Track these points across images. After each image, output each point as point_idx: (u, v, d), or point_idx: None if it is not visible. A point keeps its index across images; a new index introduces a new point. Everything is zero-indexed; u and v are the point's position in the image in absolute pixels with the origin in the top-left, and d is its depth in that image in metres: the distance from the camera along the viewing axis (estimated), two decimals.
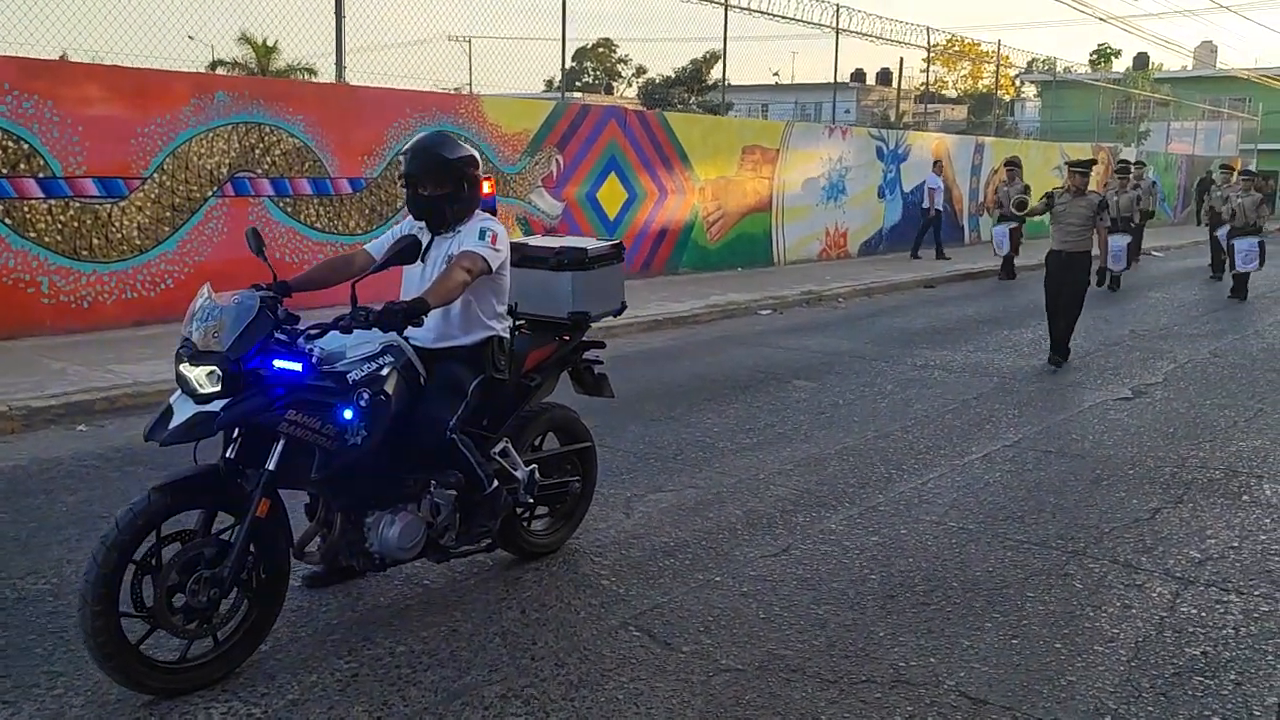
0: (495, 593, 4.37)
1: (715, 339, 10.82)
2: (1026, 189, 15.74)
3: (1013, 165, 16.87)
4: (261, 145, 10.29)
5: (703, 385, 8.48)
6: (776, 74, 48.00)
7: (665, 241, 15.17)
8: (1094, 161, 10.13)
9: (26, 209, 8.79)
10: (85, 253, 9.18)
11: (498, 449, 4.36)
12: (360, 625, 4.05)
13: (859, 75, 51.78)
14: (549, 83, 37.42)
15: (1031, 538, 5.11)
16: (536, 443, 4.75)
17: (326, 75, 19.05)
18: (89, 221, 9.18)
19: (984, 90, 47.18)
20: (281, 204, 10.53)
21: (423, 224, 4.22)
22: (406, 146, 4.19)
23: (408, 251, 3.91)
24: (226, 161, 10.04)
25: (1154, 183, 19.64)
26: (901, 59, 40.19)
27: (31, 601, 4.17)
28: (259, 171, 10.31)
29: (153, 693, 3.44)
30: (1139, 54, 47.44)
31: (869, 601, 4.34)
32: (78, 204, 9.09)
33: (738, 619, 4.15)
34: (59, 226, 8.99)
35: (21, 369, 7.75)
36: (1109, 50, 44.55)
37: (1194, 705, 3.53)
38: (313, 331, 3.72)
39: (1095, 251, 9.73)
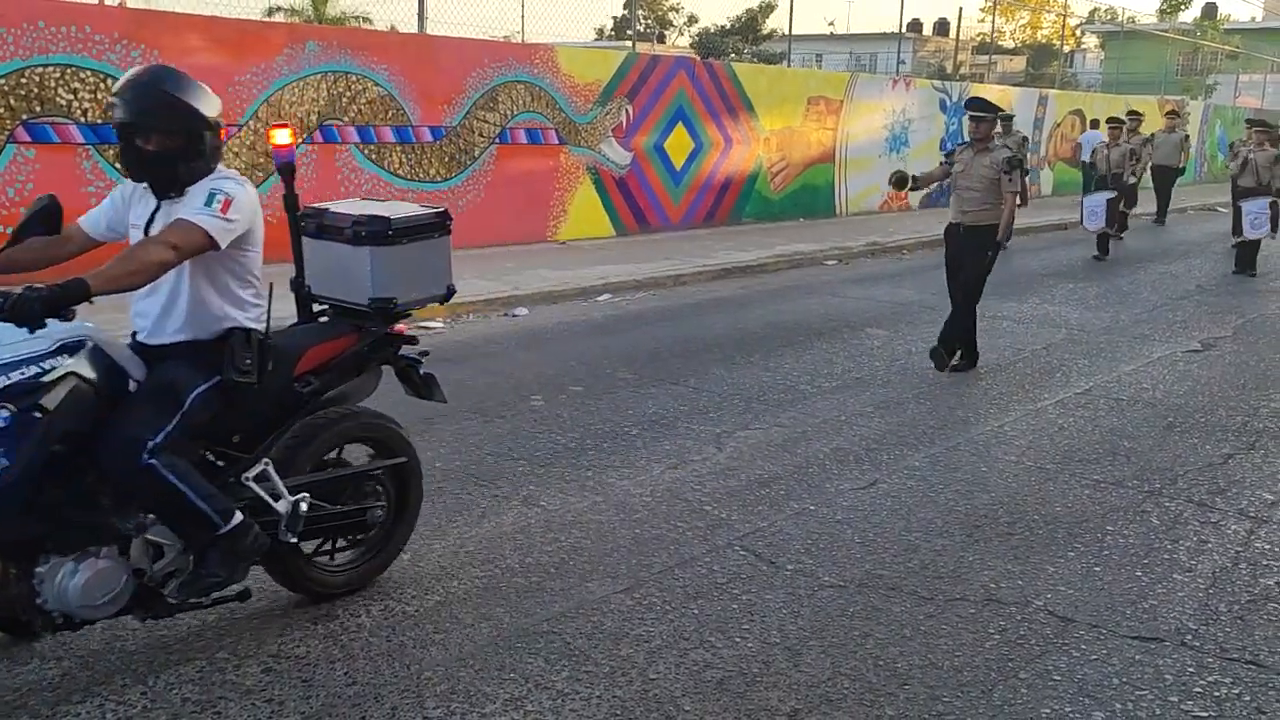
0: (607, 515, 4.73)
1: (784, 288, 11.07)
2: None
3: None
4: (348, 94, 10.64)
5: (777, 332, 8.76)
6: (832, 23, 47.56)
7: (730, 191, 15.37)
8: (996, 106, 7.59)
9: None
10: None
11: (253, 473, 3.45)
12: (487, 541, 4.42)
13: (915, 25, 51.07)
14: (599, 31, 37.33)
15: (1107, 478, 5.38)
16: (333, 457, 3.87)
17: (381, 23, 19.32)
18: None
19: (1042, 41, 46.36)
20: (366, 151, 10.89)
21: (145, 186, 3.32)
22: (117, 85, 3.22)
23: (39, 217, 3.20)
24: (316, 110, 10.40)
25: (1185, 137, 18.80)
26: (960, 8, 39.48)
27: None
28: (346, 119, 10.66)
29: None
30: (1207, 3, 46.34)
31: (956, 530, 4.65)
32: None
33: (835, 543, 4.48)
34: None
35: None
36: (1179, 1, 43.54)
37: (1269, 628, 3.81)
38: None
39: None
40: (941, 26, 49.50)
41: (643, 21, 47.22)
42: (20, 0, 8.52)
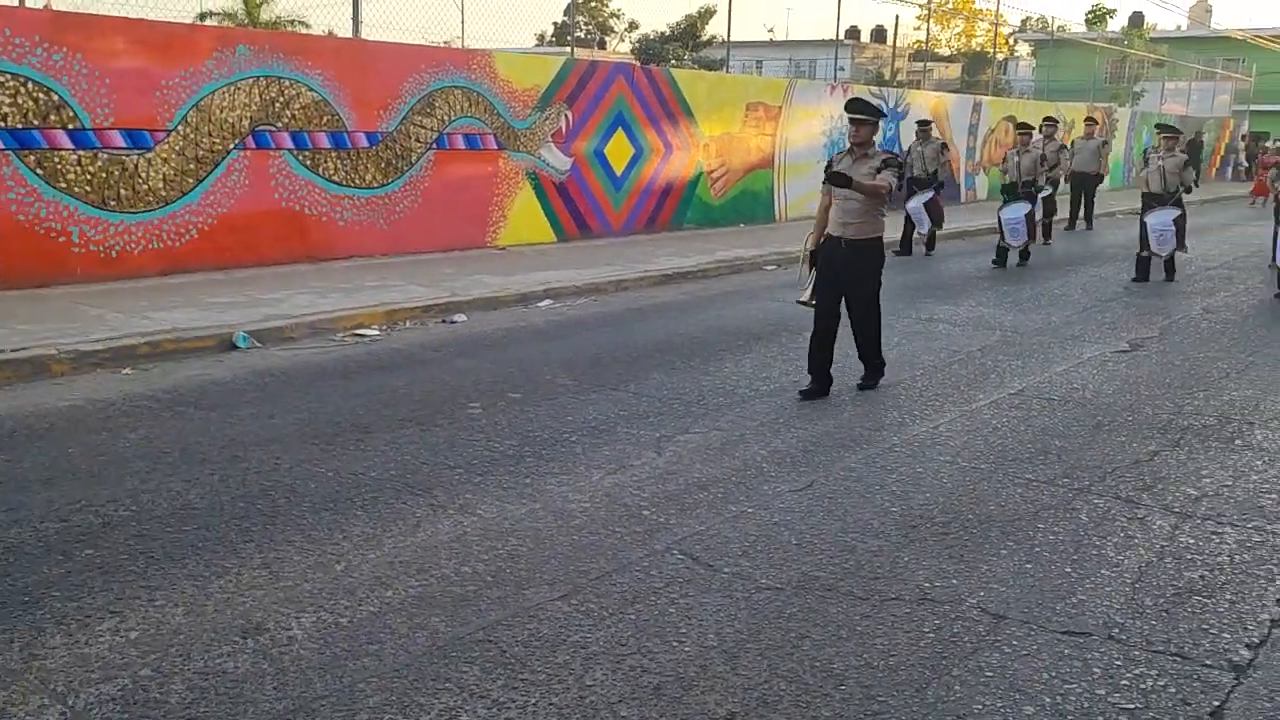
0: (545, 522, 4.69)
1: (725, 293, 11.12)
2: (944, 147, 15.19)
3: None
4: (282, 99, 10.48)
5: (717, 337, 8.79)
6: (771, 30, 48.04)
7: (670, 197, 15.40)
8: (878, 109, 7.16)
9: (57, 159, 9.00)
10: (113, 203, 9.39)
11: None
12: (423, 550, 4.36)
13: (853, 32, 51.72)
14: (540, 37, 37.35)
15: (1039, 476, 5.46)
16: None
17: (319, 28, 19.10)
18: (117, 172, 9.39)
19: (978, 49, 47.20)
20: (301, 157, 10.73)
21: None
22: None
23: None
24: (248, 115, 10.23)
25: (1104, 143, 19.22)
26: (897, 16, 40.18)
27: (116, 526, 4.48)
28: (279, 125, 10.50)
29: None
30: (1134, 13, 47.46)
31: (892, 530, 4.69)
32: (106, 155, 9.30)
33: (772, 545, 4.49)
34: (88, 177, 9.20)
35: (61, 316, 8.00)
36: (1104, 10, 44.55)
37: (1194, 620, 3.89)
38: None
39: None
40: (879, 34, 50.20)
41: (583, 28, 47.33)
42: None
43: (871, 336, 7.13)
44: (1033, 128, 15.24)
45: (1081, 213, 19.22)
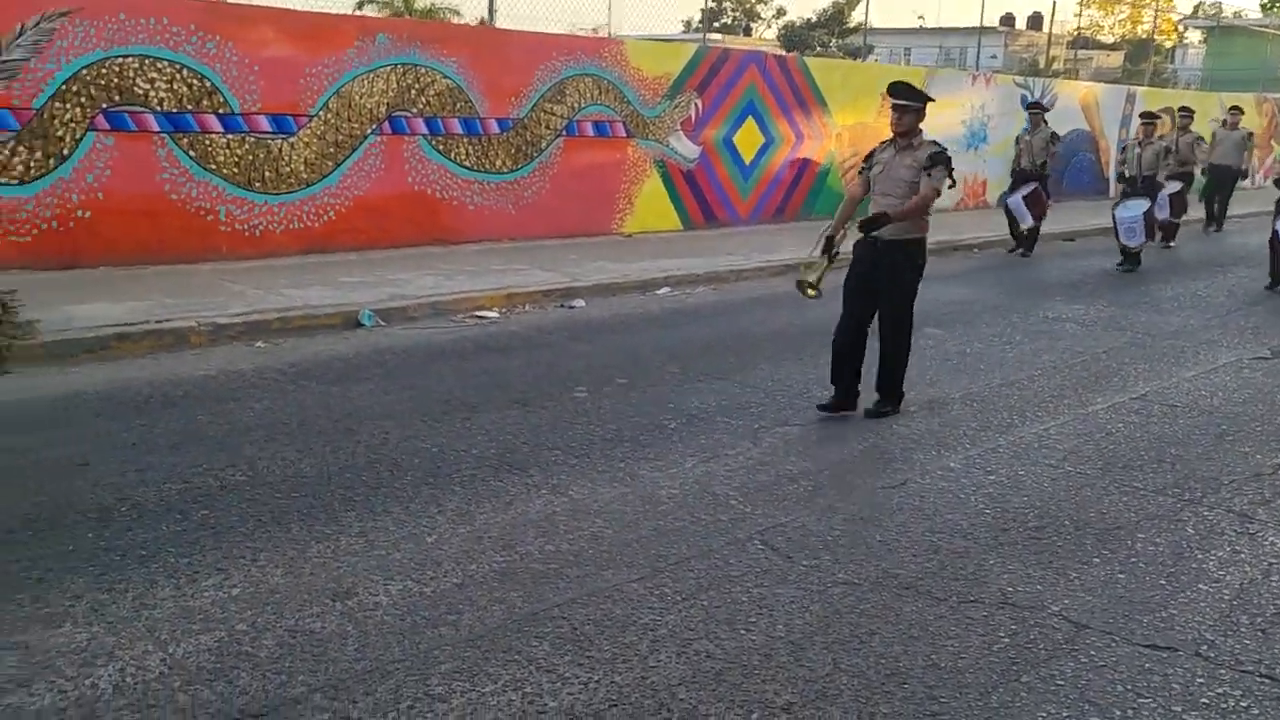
0: (632, 506, 4.78)
1: None
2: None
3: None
4: (417, 86, 10.84)
5: (831, 330, 8.69)
6: (921, 17, 46.95)
7: (800, 187, 15.27)
8: (924, 94, 6.22)
9: (208, 142, 9.55)
10: (258, 184, 9.91)
11: None
12: (511, 527, 4.51)
13: (1008, 19, 50.03)
14: (687, 23, 37.43)
15: (1148, 485, 5.26)
16: None
17: (470, 15, 19.59)
18: (262, 156, 9.89)
19: (1143, 35, 45.05)
20: (434, 142, 11.09)
21: None
22: None
23: None
24: (385, 101, 10.63)
25: (1249, 135, 17.82)
26: (1054, 2, 38.70)
27: (231, 490, 4.78)
28: (414, 111, 10.88)
29: None
30: None
31: (981, 533, 4.60)
32: (252, 139, 9.81)
33: (855, 540, 4.48)
34: (235, 159, 9.73)
35: (205, 291, 8.51)
36: None
37: None
38: None
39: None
40: (1035, 20, 48.43)
41: (730, 14, 47.19)
42: None
43: (897, 358, 6.39)
44: (1159, 117, 14.12)
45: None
